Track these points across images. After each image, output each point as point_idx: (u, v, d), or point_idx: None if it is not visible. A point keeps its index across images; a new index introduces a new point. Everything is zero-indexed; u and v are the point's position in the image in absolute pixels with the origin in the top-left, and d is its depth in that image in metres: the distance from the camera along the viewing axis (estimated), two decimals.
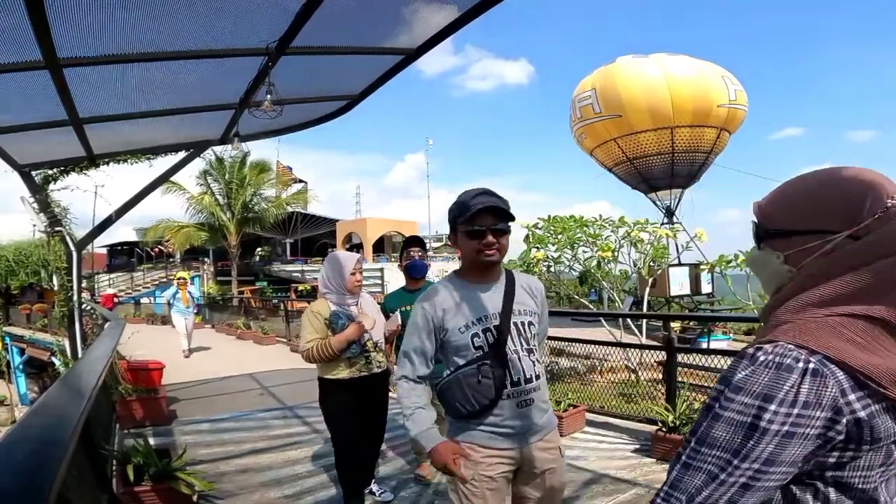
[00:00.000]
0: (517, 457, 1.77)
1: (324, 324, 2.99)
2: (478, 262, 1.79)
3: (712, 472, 0.78)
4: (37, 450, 1.24)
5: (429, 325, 1.79)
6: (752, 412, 0.76)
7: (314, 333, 2.98)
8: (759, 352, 0.79)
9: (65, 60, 3.05)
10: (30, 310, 18.79)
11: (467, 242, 1.78)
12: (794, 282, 0.84)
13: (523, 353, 1.78)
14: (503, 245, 1.78)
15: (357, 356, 3.04)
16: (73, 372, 3.01)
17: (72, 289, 5.70)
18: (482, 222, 1.74)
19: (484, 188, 1.83)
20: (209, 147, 5.87)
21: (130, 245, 37.22)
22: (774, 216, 0.88)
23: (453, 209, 1.83)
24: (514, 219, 1.79)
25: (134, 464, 3.22)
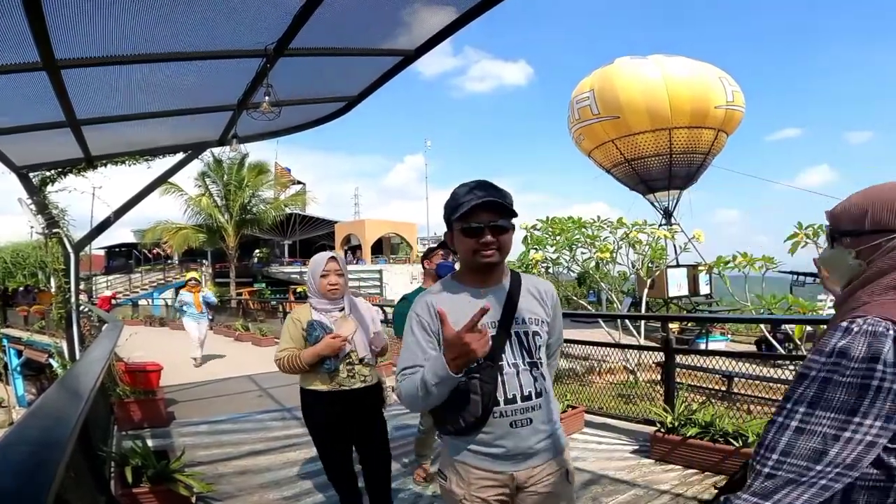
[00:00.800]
0: (512, 480, 1.58)
1: (301, 332, 2.75)
2: (475, 264, 1.60)
3: (830, 433, 0.88)
4: (35, 451, 1.23)
5: (427, 334, 1.59)
6: (862, 373, 0.87)
7: (289, 342, 2.77)
8: (853, 324, 0.91)
9: (62, 62, 3.05)
10: (27, 312, 18.74)
11: (463, 241, 1.58)
12: (867, 273, 1.00)
13: (524, 366, 1.58)
14: (504, 244, 1.57)
15: (333, 371, 2.73)
16: (71, 374, 3.01)
17: (69, 290, 5.69)
18: (479, 219, 1.54)
19: (481, 180, 1.62)
20: (207, 148, 5.86)
21: (128, 247, 37.16)
22: (845, 219, 1.06)
23: (448, 204, 1.63)
24: (515, 214, 1.58)
25: (132, 465, 3.22)
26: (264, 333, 13.01)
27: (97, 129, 4.48)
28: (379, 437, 2.94)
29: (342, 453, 2.88)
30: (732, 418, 4.11)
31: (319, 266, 2.77)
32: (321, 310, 2.79)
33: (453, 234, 1.64)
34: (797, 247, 8.50)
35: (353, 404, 2.77)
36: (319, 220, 35.23)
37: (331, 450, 2.85)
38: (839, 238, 1.08)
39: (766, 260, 9.60)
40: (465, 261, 1.65)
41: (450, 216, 1.62)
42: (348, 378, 2.76)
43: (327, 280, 2.76)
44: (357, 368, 2.79)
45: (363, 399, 2.82)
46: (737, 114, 18.68)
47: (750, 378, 7.53)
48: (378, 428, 2.94)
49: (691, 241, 12.35)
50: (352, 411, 2.78)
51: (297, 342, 2.76)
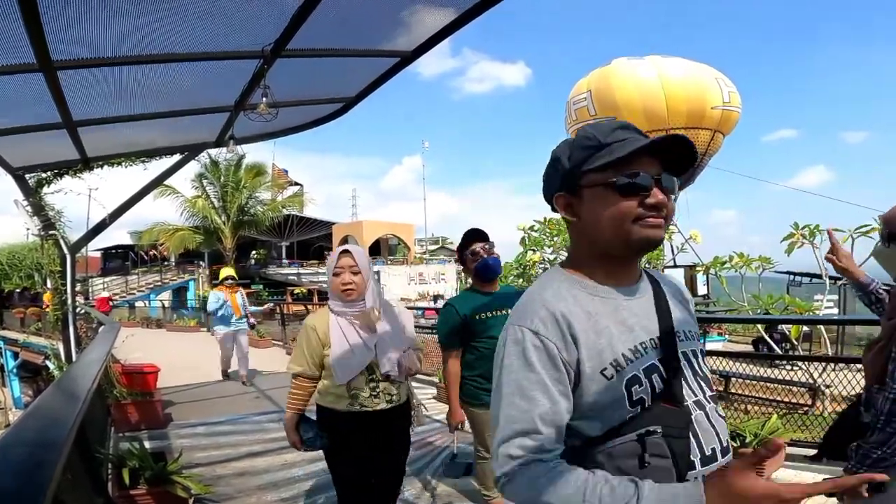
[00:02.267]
0: None
1: (318, 345, 2.33)
2: (632, 242, 1.00)
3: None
4: (32, 453, 1.23)
5: (556, 367, 0.96)
6: None
7: (302, 358, 2.36)
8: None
9: (59, 63, 3.04)
10: (24, 313, 18.69)
11: (608, 203, 1.00)
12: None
13: (710, 404, 1.05)
14: (671, 211, 1.03)
15: (360, 389, 2.32)
16: (68, 375, 3.00)
17: (66, 292, 5.67)
18: (646, 169, 0.99)
19: (625, 122, 1.06)
20: (204, 150, 5.85)
21: (125, 248, 37.05)
22: None
23: (576, 146, 1.04)
24: (693, 162, 1.02)
25: (129, 467, 3.21)
26: (262, 335, 12.98)
27: (93, 130, 4.47)
28: (397, 467, 2.54)
29: (361, 487, 2.38)
30: (730, 418, 4.11)
31: (332, 263, 2.40)
32: (339, 313, 2.37)
33: (577, 195, 1.05)
34: (793, 247, 8.53)
35: (376, 428, 2.35)
36: (317, 222, 35.19)
37: (346, 480, 2.41)
38: (894, 238, 1.44)
39: (762, 260, 9.63)
40: (606, 236, 1.02)
41: (578, 166, 1.03)
42: (371, 398, 2.32)
43: (340, 279, 2.34)
44: (382, 386, 2.34)
45: (389, 421, 2.38)
46: (733, 114, 18.67)
47: (747, 378, 7.55)
48: (401, 458, 2.54)
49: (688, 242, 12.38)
50: (374, 436, 2.35)
51: (313, 357, 2.34)
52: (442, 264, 36.76)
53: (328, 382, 2.34)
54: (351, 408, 2.31)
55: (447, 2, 3.05)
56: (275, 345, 12.30)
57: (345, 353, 2.29)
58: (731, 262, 10.02)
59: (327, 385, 2.35)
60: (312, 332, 2.35)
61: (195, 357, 11.00)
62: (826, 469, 3.68)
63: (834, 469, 3.65)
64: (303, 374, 2.37)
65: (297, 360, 2.38)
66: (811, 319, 8.76)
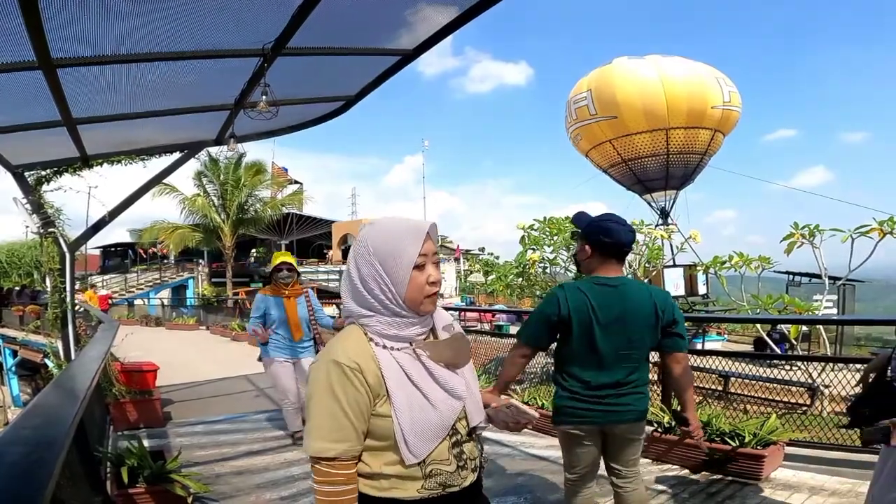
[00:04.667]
0: None
1: (367, 391, 1.26)
2: None
3: None
4: (30, 451, 1.23)
5: None
6: None
7: (335, 424, 1.25)
8: None
9: (58, 61, 3.04)
10: (23, 311, 18.68)
11: None
12: None
13: None
14: None
15: (441, 462, 1.33)
16: (67, 373, 2.99)
17: (65, 290, 5.66)
18: None
19: None
20: (204, 148, 5.85)
21: (124, 246, 37.05)
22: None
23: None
24: None
25: (128, 466, 3.20)
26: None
27: (93, 128, 4.47)
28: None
29: None
30: (729, 418, 4.12)
31: (408, 243, 1.31)
32: (395, 338, 1.33)
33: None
34: (793, 247, 8.53)
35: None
36: (316, 220, 35.16)
37: None
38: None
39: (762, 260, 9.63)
40: None
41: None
42: (458, 471, 1.36)
43: (425, 275, 1.33)
44: (467, 450, 1.40)
45: (475, 498, 1.45)
46: (733, 114, 18.72)
47: (746, 378, 7.56)
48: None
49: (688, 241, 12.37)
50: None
51: (358, 421, 1.26)
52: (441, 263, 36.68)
53: (384, 459, 1.31)
54: (428, 492, 1.33)
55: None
56: None
57: (421, 408, 1.30)
58: (730, 262, 10.02)
59: (383, 463, 1.31)
60: (354, 374, 1.25)
61: (194, 355, 11.01)
62: (825, 469, 3.69)
63: (835, 470, 3.65)
64: (341, 457, 1.26)
65: (327, 430, 1.25)
66: (810, 319, 8.77)
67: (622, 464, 2.48)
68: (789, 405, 6.58)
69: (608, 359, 2.28)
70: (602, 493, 3.49)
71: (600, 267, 2.36)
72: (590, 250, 2.37)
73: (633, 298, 2.32)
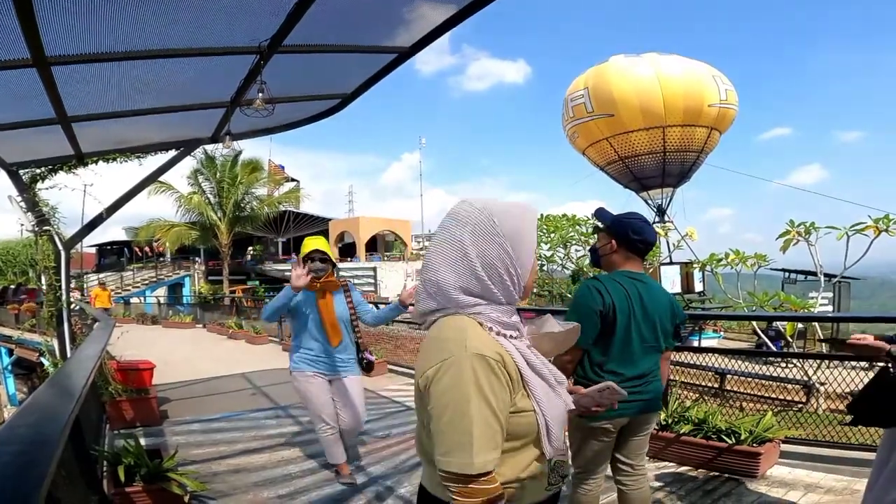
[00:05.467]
0: None
1: (510, 389, 1.14)
2: None
3: None
4: (25, 450, 1.22)
5: None
6: None
7: (489, 432, 1.07)
8: None
9: (53, 58, 3.02)
10: (18, 310, 18.63)
11: None
12: None
13: None
14: None
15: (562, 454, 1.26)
16: (62, 372, 2.98)
17: (60, 289, 5.64)
18: None
19: None
20: (200, 145, 5.82)
21: (120, 244, 36.94)
22: None
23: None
24: None
25: (125, 464, 3.20)
26: (258, 331, 12.98)
27: (88, 125, 4.45)
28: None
29: None
30: (725, 415, 4.13)
31: (531, 226, 1.24)
32: (509, 327, 1.22)
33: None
34: (789, 244, 8.55)
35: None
36: (313, 218, 35.13)
37: None
38: None
39: (758, 257, 9.66)
40: None
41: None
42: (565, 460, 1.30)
43: (533, 262, 1.25)
44: None
45: None
46: (730, 112, 18.75)
47: (742, 375, 7.58)
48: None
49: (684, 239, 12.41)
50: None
51: (501, 422, 1.11)
52: None
53: (519, 462, 1.19)
54: (554, 487, 1.27)
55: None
56: (271, 341, 12.29)
57: (549, 396, 1.21)
58: (726, 259, 10.05)
59: (518, 467, 1.18)
60: (500, 369, 1.12)
61: (191, 353, 10.99)
62: (821, 467, 3.70)
63: (831, 467, 3.67)
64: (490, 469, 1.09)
65: (486, 439, 1.07)
66: (806, 317, 8.80)
67: (634, 457, 2.47)
68: (785, 402, 6.60)
69: (638, 351, 2.32)
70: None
71: (626, 262, 2.41)
72: (615, 245, 2.41)
73: (657, 293, 2.40)
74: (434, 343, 1.15)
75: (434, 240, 1.23)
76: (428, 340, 1.19)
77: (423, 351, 1.19)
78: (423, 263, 1.25)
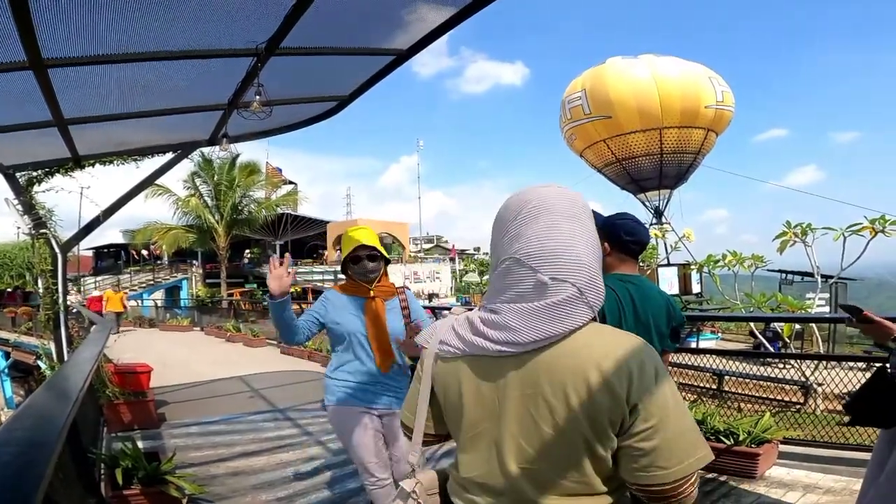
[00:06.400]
0: None
1: None
2: None
3: None
4: (23, 452, 1.22)
5: None
6: None
7: None
8: None
9: (49, 61, 3.01)
10: (15, 313, 18.57)
11: None
12: None
13: None
14: None
15: None
16: (60, 375, 2.98)
17: (57, 292, 5.62)
18: None
19: None
20: (197, 148, 5.82)
21: (117, 247, 36.87)
22: None
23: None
24: None
25: (122, 467, 3.19)
26: (256, 334, 12.96)
27: (85, 128, 4.44)
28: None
29: None
30: (723, 416, 4.13)
31: None
32: None
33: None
34: (786, 245, 8.58)
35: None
36: (311, 220, 35.09)
37: None
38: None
39: (755, 259, 9.68)
40: None
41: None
42: None
43: None
44: None
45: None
46: (726, 113, 18.81)
47: (740, 376, 7.59)
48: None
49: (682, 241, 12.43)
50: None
51: None
52: (437, 263, 36.76)
53: None
54: None
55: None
56: (269, 344, 12.26)
57: None
58: (724, 261, 10.08)
59: None
60: None
61: (189, 356, 10.96)
62: (819, 467, 3.70)
63: (829, 468, 3.67)
64: None
65: None
66: (803, 318, 8.82)
67: None
68: (783, 403, 6.62)
69: None
70: None
71: (620, 265, 2.34)
72: (608, 248, 2.33)
73: (651, 295, 2.32)
74: (613, 347, 0.99)
75: (574, 230, 1.04)
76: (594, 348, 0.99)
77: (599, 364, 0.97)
78: (569, 259, 1.01)
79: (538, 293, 0.99)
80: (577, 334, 0.99)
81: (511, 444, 1.01)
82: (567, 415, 0.97)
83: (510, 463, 1.02)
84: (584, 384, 0.96)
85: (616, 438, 0.97)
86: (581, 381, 0.96)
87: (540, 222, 1.03)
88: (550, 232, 1.02)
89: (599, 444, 0.97)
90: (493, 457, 1.04)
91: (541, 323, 0.98)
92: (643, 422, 0.94)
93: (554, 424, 0.98)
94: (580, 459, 0.98)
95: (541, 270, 0.99)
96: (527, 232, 1.03)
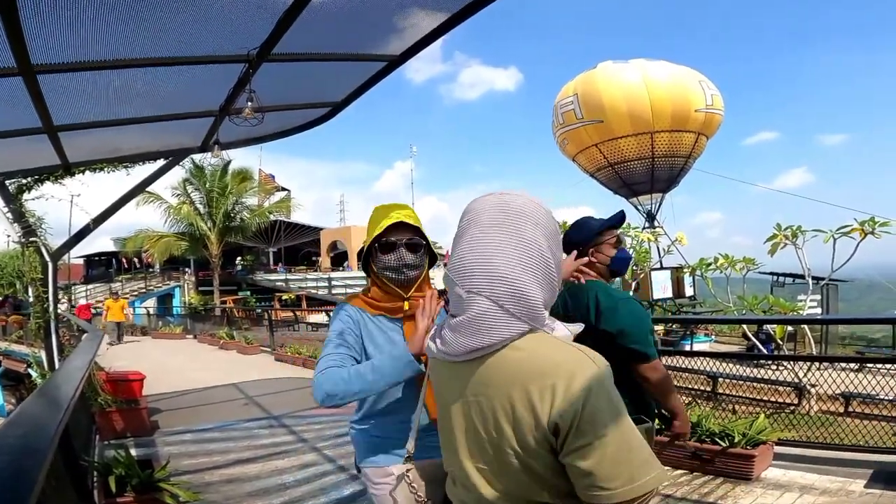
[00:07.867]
0: None
1: None
2: None
3: None
4: (14, 460, 1.20)
5: None
6: None
7: None
8: None
9: (39, 67, 2.99)
10: (5, 321, 18.40)
11: None
12: None
13: None
14: None
15: None
16: (51, 383, 2.95)
17: (48, 300, 5.58)
18: None
19: None
20: (189, 155, 5.80)
21: (108, 255, 36.59)
22: None
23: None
24: None
25: (115, 475, 3.16)
26: (249, 341, 12.90)
27: (75, 135, 4.41)
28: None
29: None
30: (718, 418, 4.14)
31: None
32: None
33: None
34: (777, 248, 8.63)
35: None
36: (305, 227, 35.01)
37: None
38: None
39: (747, 261, 9.74)
40: None
41: None
42: None
43: None
44: None
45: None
46: (716, 117, 18.97)
47: (734, 378, 7.62)
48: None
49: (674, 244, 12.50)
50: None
51: None
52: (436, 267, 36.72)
53: None
54: None
55: (436, 4, 3.04)
56: (263, 351, 12.21)
57: None
58: (716, 264, 10.14)
59: None
60: None
61: (182, 364, 10.89)
62: (814, 468, 3.72)
63: (825, 468, 3.69)
64: None
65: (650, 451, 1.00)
66: (796, 319, 8.87)
67: None
68: (777, 405, 6.64)
69: None
70: None
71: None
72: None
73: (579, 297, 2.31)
74: (555, 365, 0.93)
75: (495, 240, 1.00)
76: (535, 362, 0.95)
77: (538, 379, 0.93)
78: (483, 272, 0.98)
79: (460, 307, 1.01)
80: (517, 345, 0.97)
81: (463, 445, 1.04)
82: (497, 427, 0.97)
83: (466, 462, 1.04)
84: (509, 400, 0.94)
85: (552, 455, 0.94)
86: (506, 397, 0.95)
87: (466, 235, 1.03)
88: (472, 245, 1.01)
89: (532, 460, 0.94)
90: (457, 455, 1.06)
91: (464, 337, 0.98)
92: (575, 439, 0.89)
93: (489, 435, 0.98)
94: (518, 473, 0.97)
95: (458, 284, 1.01)
96: (457, 246, 1.06)
